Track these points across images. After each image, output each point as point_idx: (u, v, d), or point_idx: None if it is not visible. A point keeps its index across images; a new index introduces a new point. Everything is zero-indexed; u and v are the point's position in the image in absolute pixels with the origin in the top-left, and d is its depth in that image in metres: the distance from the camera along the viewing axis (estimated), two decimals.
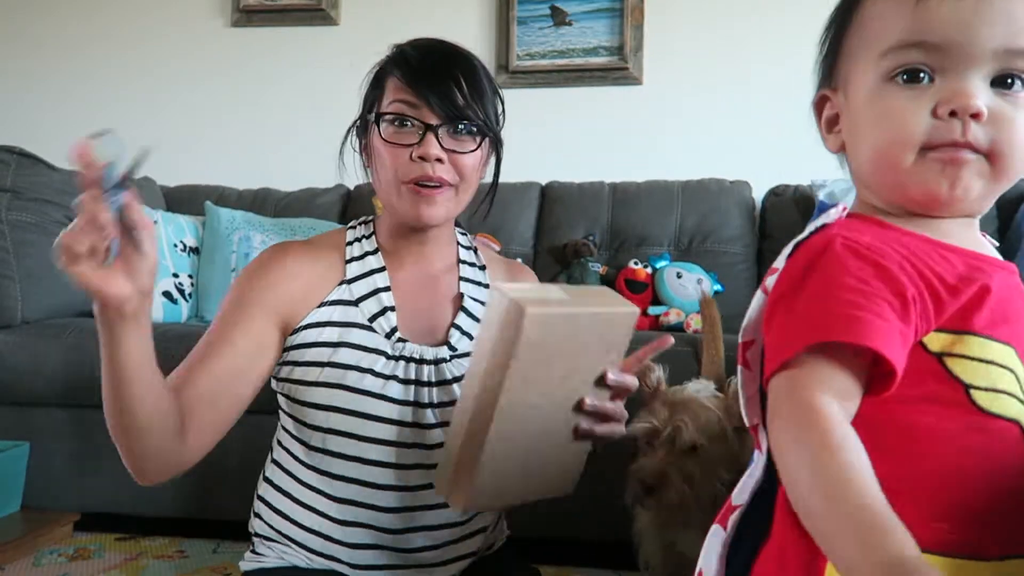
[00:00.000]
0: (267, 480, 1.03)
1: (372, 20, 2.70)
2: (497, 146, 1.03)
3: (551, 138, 2.58)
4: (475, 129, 0.96)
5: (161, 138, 2.78)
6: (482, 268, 1.10)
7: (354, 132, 1.04)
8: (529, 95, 2.61)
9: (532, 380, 0.78)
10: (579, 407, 0.85)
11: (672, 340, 1.00)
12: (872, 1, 0.61)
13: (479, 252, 1.12)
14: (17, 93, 2.85)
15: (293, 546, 0.98)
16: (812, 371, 0.53)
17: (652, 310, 2.08)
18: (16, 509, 1.72)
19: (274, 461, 1.03)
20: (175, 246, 2.19)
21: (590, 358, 0.84)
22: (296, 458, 0.99)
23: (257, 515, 1.03)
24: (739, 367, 0.63)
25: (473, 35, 2.64)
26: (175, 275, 2.15)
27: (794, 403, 0.53)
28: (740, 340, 0.62)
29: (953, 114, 0.56)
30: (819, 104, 0.68)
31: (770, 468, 0.61)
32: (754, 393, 0.63)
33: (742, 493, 0.62)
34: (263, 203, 2.46)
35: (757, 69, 2.52)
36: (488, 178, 1.05)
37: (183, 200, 2.45)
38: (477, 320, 1.03)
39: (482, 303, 1.05)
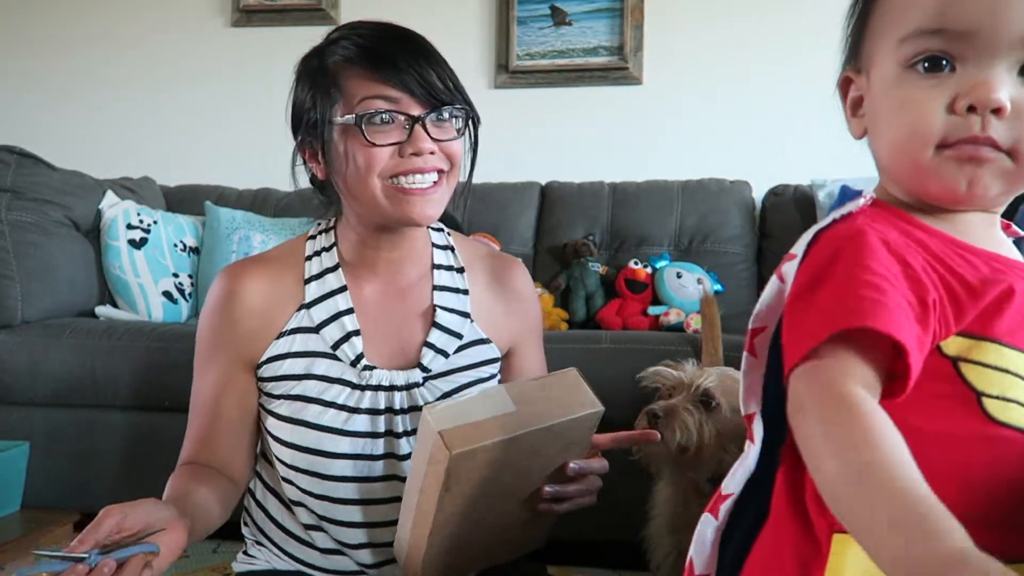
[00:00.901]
0: (249, 491, 1.01)
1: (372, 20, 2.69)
2: (475, 124, 0.93)
3: (551, 138, 2.57)
4: (457, 110, 0.89)
5: (161, 138, 2.78)
6: (460, 271, 1.01)
7: (296, 141, 0.94)
8: (529, 95, 2.60)
9: (472, 494, 0.76)
10: (537, 494, 0.83)
11: (659, 437, 1.00)
12: None
13: (457, 251, 1.02)
14: (17, 93, 2.85)
15: (279, 562, 0.98)
16: (838, 361, 0.49)
17: (652, 310, 2.08)
18: (16, 509, 1.72)
19: (256, 473, 1.00)
20: (175, 246, 2.19)
21: (544, 460, 0.80)
22: (276, 475, 0.97)
23: (245, 523, 1.02)
24: (744, 353, 0.60)
25: (473, 35, 2.64)
26: (175, 275, 2.15)
27: (823, 394, 0.49)
28: (750, 327, 0.59)
29: (972, 109, 0.52)
30: (844, 85, 0.63)
31: (763, 459, 0.60)
32: (755, 381, 0.60)
33: (733, 481, 0.61)
34: (263, 203, 2.46)
35: (757, 69, 2.52)
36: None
37: (183, 200, 2.45)
38: (452, 334, 0.96)
39: (459, 313, 0.97)
